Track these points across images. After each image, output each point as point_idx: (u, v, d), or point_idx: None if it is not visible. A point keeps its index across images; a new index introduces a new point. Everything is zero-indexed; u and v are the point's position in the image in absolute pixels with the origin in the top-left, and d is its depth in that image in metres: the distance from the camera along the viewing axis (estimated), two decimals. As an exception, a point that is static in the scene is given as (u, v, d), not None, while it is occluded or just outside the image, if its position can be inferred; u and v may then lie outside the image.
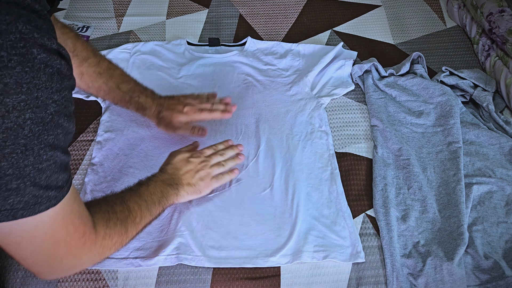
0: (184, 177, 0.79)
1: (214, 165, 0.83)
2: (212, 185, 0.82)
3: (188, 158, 0.82)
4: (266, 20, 1.26)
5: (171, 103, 0.89)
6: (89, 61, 0.84)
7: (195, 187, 0.80)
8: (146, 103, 0.88)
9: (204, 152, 0.85)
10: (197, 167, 0.81)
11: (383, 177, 0.90)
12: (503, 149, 0.95)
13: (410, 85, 1.04)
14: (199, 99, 0.91)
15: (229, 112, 0.91)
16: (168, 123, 0.89)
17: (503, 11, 1.06)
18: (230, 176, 0.85)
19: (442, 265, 0.77)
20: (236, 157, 0.87)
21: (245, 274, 0.79)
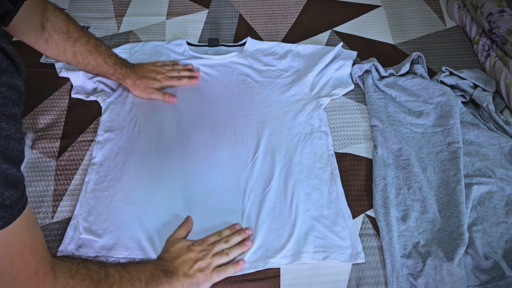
0: (181, 267, 0.72)
1: (216, 254, 0.76)
2: (212, 279, 0.74)
3: (189, 247, 0.75)
4: (266, 20, 1.26)
5: (145, 71, 1.02)
6: (80, 41, 0.89)
7: (192, 279, 0.72)
8: (126, 74, 0.98)
9: (207, 239, 0.78)
10: (197, 256, 0.74)
11: (383, 178, 0.90)
12: (503, 149, 0.95)
13: (410, 85, 1.04)
14: (165, 66, 1.05)
15: (195, 78, 1.05)
16: (143, 89, 1.01)
17: (503, 11, 1.06)
18: (235, 268, 0.76)
19: (442, 266, 0.77)
20: (243, 244, 0.79)
21: (244, 276, 0.79)
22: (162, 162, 0.92)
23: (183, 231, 0.80)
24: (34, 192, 0.89)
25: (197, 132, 0.97)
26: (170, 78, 1.03)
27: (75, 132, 0.99)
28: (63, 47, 0.88)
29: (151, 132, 0.97)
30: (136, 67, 1.02)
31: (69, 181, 0.91)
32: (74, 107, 1.03)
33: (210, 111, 1.01)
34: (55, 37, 0.85)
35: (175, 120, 0.99)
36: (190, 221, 0.83)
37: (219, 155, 0.94)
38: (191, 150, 0.94)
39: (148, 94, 1.01)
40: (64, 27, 0.86)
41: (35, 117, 1.01)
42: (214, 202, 0.87)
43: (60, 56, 0.89)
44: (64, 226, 0.85)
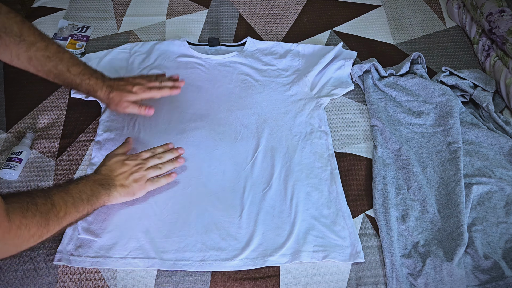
0: (118, 178, 0.80)
1: (150, 167, 0.83)
2: (146, 187, 0.82)
3: (124, 161, 0.82)
4: (266, 20, 1.26)
5: (120, 84, 0.91)
6: (37, 45, 0.83)
7: (128, 188, 0.80)
8: (96, 85, 0.89)
9: (141, 155, 0.85)
10: (132, 169, 0.82)
11: (382, 177, 0.90)
12: (503, 149, 0.94)
13: (410, 85, 1.04)
14: (147, 78, 0.94)
15: (178, 88, 0.95)
16: (118, 102, 0.90)
17: (503, 11, 1.06)
18: (167, 179, 0.85)
19: (442, 265, 0.77)
20: (175, 160, 0.87)
21: (244, 274, 0.79)
22: None
23: (122, 148, 0.86)
24: (34, 192, 0.89)
25: (197, 131, 0.97)
26: (149, 89, 0.92)
27: (74, 132, 0.99)
28: (16, 51, 0.82)
29: (150, 132, 0.97)
30: (111, 80, 0.92)
31: (68, 181, 0.91)
32: (74, 107, 1.03)
33: (210, 110, 1.01)
34: (6, 40, 0.80)
35: (174, 120, 0.99)
36: (130, 142, 0.89)
37: (219, 154, 0.94)
38: (191, 149, 0.94)
39: (123, 108, 0.90)
40: (17, 29, 0.80)
41: (34, 117, 1.01)
42: (213, 199, 0.87)
43: (14, 61, 0.83)
44: (63, 225, 0.85)
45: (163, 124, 0.99)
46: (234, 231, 0.83)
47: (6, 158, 0.92)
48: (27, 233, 0.61)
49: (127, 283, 0.78)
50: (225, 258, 0.80)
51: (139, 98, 0.91)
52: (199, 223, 0.84)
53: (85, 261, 0.79)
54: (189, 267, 0.79)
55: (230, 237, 0.82)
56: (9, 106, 1.03)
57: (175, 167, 0.87)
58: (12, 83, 1.08)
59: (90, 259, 0.79)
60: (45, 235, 0.65)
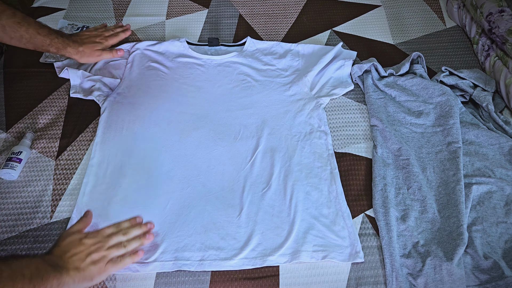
0: (71, 260, 0.68)
1: (112, 246, 0.73)
2: (108, 270, 0.71)
3: (81, 239, 0.72)
4: (266, 20, 1.26)
5: (84, 38, 1.04)
6: (6, 13, 0.90)
7: (84, 272, 0.68)
8: (64, 43, 0.98)
9: (102, 231, 0.75)
10: (89, 248, 0.71)
11: (382, 177, 0.90)
12: (503, 149, 0.94)
13: (409, 85, 1.04)
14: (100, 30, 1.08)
15: (128, 29, 1.10)
16: (90, 54, 1.02)
17: (503, 11, 1.05)
18: (132, 259, 0.74)
19: (442, 265, 0.77)
20: (143, 236, 0.77)
21: (244, 274, 0.79)
22: (161, 162, 0.92)
23: (80, 224, 0.76)
24: (33, 192, 0.89)
25: (196, 131, 0.97)
26: (109, 37, 1.06)
27: (74, 132, 0.99)
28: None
29: (150, 132, 0.97)
30: (73, 36, 1.02)
31: (68, 181, 0.91)
32: (74, 107, 1.03)
33: (210, 110, 1.01)
34: None
35: (174, 120, 0.99)
36: (89, 215, 0.79)
37: (219, 154, 0.94)
38: (191, 149, 0.94)
39: (97, 56, 1.03)
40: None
41: (34, 116, 1.01)
42: (212, 199, 0.87)
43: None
44: (62, 226, 0.85)
45: (162, 125, 0.98)
46: (233, 230, 0.83)
47: (6, 158, 0.92)
48: None
49: (127, 284, 0.78)
50: (224, 257, 0.80)
51: (104, 46, 1.05)
52: (198, 222, 0.84)
53: None
54: (189, 266, 0.79)
55: (229, 236, 0.82)
56: (9, 106, 1.03)
57: (142, 244, 0.76)
58: (12, 83, 1.08)
59: None
60: None
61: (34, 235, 0.84)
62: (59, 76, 1.07)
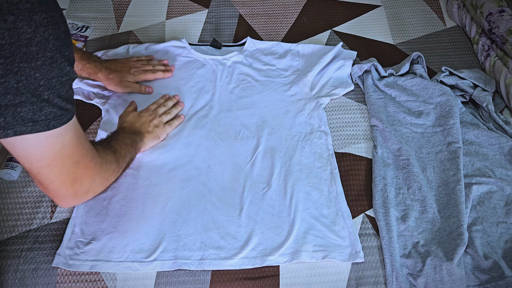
0: (142, 127, 0.91)
1: (161, 114, 0.96)
2: (166, 129, 0.95)
3: (139, 114, 0.94)
4: (266, 20, 1.26)
5: (118, 66, 1.03)
6: None
7: (153, 133, 0.92)
8: (96, 68, 0.99)
9: (149, 108, 0.97)
10: (148, 118, 0.93)
11: (382, 177, 0.90)
12: (503, 149, 0.94)
13: (409, 85, 1.04)
14: (140, 61, 1.07)
15: (170, 71, 1.08)
16: (118, 83, 1.02)
17: (503, 11, 1.05)
18: (179, 120, 0.98)
19: (442, 265, 0.77)
20: (177, 105, 1.00)
21: (244, 274, 0.79)
22: (162, 162, 0.92)
23: (130, 107, 0.95)
24: (33, 192, 0.89)
25: (197, 131, 0.97)
26: (144, 71, 1.05)
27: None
28: None
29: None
30: (107, 62, 1.03)
31: (68, 181, 0.91)
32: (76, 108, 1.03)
33: (210, 110, 1.01)
34: None
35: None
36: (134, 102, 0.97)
37: (219, 154, 0.94)
38: (191, 150, 0.94)
39: (124, 88, 1.03)
40: None
41: (34, 117, 1.01)
42: (212, 199, 0.87)
43: None
44: (62, 226, 0.85)
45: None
46: (234, 230, 0.83)
47: (6, 158, 0.92)
48: (111, 167, 0.73)
49: (127, 284, 0.78)
50: (224, 257, 0.80)
51: (136, 80, 1.04)
52: (199, 222, 0.84)
53: (83, 265, 0.79)
54: (189, 266, 0.79)
55: (229, 236, 0.83)
56: (9, 106, 1.03)
57: (179, 110, 1.00)
58: (12, 83, 1.08)
59: (88, 263, 0.79)
60: (118, 171, 0.77)
61: (34, 235, 0.84)
62: None
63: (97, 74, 0.99)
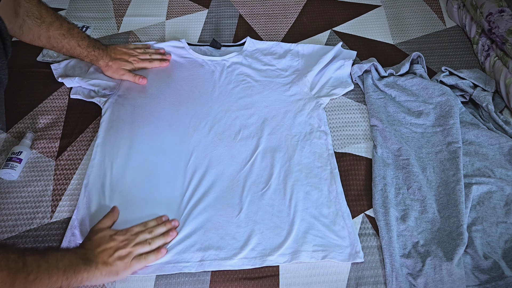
0: (101, 255, 0.73)
1: (138, 243, 0.77)
2: (132, 266, 0.75)
3: (111, 236, 0.76)
4: (265, 20, 1.26)
5: (117, 53, 1.05)
6: (54, 25, 0.92)
7: (110, 267, 0.73)
8: (99, 55, 1.01)
9: (131, 229, 0.79)
10: (118, 244, 0.75)
11: (382, 177, 0.90)
12: (503, 149, 0.94)
13: (409, 85, 1.04)
14: (137, 49, 1.08)
15: (166, 60, 1.08)
16: (115, 70, 1.03)
17: (503, 11, 1.05)
18: (156, 256, 0.78)
19: (442, 265, 0.77)
20: (167, 234, 0.80)
21: (244, 274, 0.79)
22: (162, 164, 0.92)
23: (108, 220, 0.80)
24: (33, 192, 0.89)
25: (196, 132, 0.97)
26: (142, 60, 1.06)
27: (74, 132, 0.99)
28: (38, 32, 0.90)
29: (150, 133, 0.97)
30: (108, 49, 1.04)
31: (68, 181, 0.91)
32: (74, 107, 1.03)
33: (210, 111, 1.01)
34: (28, 23, 0.88)
35: (175, 121, 0.99)
36: (116, 211, 0.83)
37: (219, 154, 0.94)
38: (191, 150, 0.94)
39: (120, 75, 1.04)
40: (37, 12, 0.88)
41: (34, 117, 1.01)
42: (212, 199, 0.87)
43: (35, 41, 0.92)
44: (63, 226, 0.85)
45: (163, 126, 0.98)
46: (233, 230, 0.83)
47: (6, 158, 0.92)
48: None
49: (126, 285, 0.78)
50: (224, 257, 0.80)
51: (133, 68, 1.05)
52: (198, 223, 0.84)
53: None
54: (189, 268, 0.79)
55: (229, 236, 0.82)
56: (9, 106, 1.03)
57: (166, 242, 0.80)
58: (12, 83, 1.08)
59: None
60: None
61: (34, 235, 0.84)
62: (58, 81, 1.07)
63: (98, 61, 1.02)
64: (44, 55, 1.11)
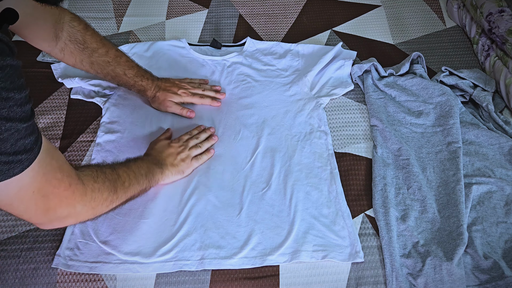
0: (168, 159, 0.87)
1: (192, 147, 0.91)
2: (193, 165, 0.90)
3: (169, 144, 0.90)
4: (266, 20, 1.26)
5: (167, 85, 1.00)
6: (98, 52, 0.90)
7: (178, 167, 0.88)
8: (147, 86, 0.98)
9: (181, 138, 0.93)
10: (177, 150, 0.89)
11: (382, 177, 0.90)
12: (503, 149, 0.94)
13: (409, 85, 1.04)
14: (192, 83, 1.03)
15: (218, 100, 1.02)
16: (161, 102, 0.99)
17: (503, 11, 1.06)
18: (207, 155, 0.92)
19: (442, 265, 0.77)
20: (211, 138, 0.95)
21: (244, 274, 0.79)
22: None
23: (164, 135, 0.94)
24: (34, 192, 0.89)
25: (196, 132, 0.98)
26: (192, 94, 1.01)
27: (75, 132, 0.99)
28: (80, 57, 0.89)
29: (151, 134, 0.97)
30: (159, 80, 1.00)
31: (68, 181, 0.91)
32: (74, 108, 1.03)
33: (210, 111, 1.01)
34: (71, 47, 0.87)
35: (175, 121, 0.99)
36: (170, 131, 0.96)
37: (219, 154, 0.94)
38: (191, 150, 0.94)
39: (166, 107, 0.99)
40: (81, 37, 0.87)
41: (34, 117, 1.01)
42: (212, 198, 0.87)
43: (77, 65, 0.91)
44: (63, 225, 0.85)
45: (164, 126, 0.99)
46: (233, 229, 0.83)
47: (6, 158, 0.92)
48: (100, 196, 0.67)
49: (127, 284, 0.78)
50: (224, 256, 0.80)
51: (181, 101, 1.00)
52: (198, 222, 0.84)
53: (83, 266, 0.79)
54: (189, 267, 0.79)
55: (229, 235, 0.83)
56: (9, 106, 1.03)
57: (211, 143, 0.95)
58: (12, 83, 1.08)
59: (88, 264, 0.79)
60: (115, 202, 0.71)
61: (34, 235, 0.84)
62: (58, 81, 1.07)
63: (146, 91, 0.98)
64: (44, 55, 1.11)
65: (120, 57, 0.94)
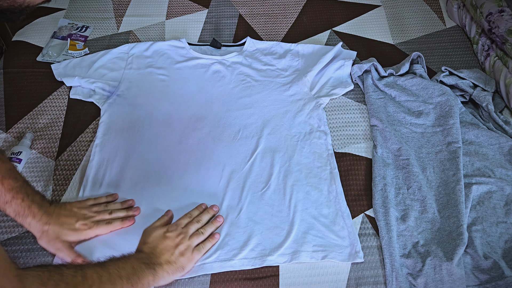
0: (163, 256, 0.72)
1: (192, 235, 0.77)
2: (194, 258, 0.76)
3: (165, 234, 0.75)
4: (265, 20, 1.26)
5: (62, 215, 0.77)
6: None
7: (175, 264, 0.73)
8: (29, 209, 0.73)
9: (179, 223, 0.78)
10: (175, 241, 0.75)
11: (382, 177, 0.90)
12: (503, 149, 0.94)
13: (409, 85, 1.04)
14: (95, 208, 0.81)
15: (131, 219, 0.82)
16: (50, 240, 0.75)
17: (503, 11, 1.05)
18: (212, 242, 0.79)
19: (442, 265, 0.77)
20: (215, 221, 0.82)
21: (244, 274, 0.79)
22: (161, 164, 0.92)
23: (159, 221, 0.79)
24: (33, 192, 0.89)
25: (196, 132, 0.97)
26: (96, 224, 0.79)
27: (74, 132, 0.99)
28: None
29: (150, 134, 0.97)
30: (51, 206, 0.77)
31: (68, 182, 0.91)
32: (74, 108, 1.03)
33: (210, 110, 1.01)
34: None
35: (174, 121, 0.99)
36: (170, 215, 0.82)
37: (218, 154, 0.94)
38: (190, 150, 0.94)
39: (55, 250, 0.76)
40: None
41: (34, 117, 1.01)
42: (211, 198, 0.87)
43: None
44: (63, 226, 0.84)
45: (163, 126, 0.98)
46: (233, 230, 0.83)
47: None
48: None
49: (127, 283, 0.78)
50: (224, 258, 0.80)
51: (81, 239, 0.78)
52: (198, 223, 0.84)
53: None
54: (190, 273, 0.78)
55: (229, 236, 0.82)
56: (9, 106, 1.03)
57: (216, 227, 0.82)
58: (12, 83, 1.08)
59: None
60: None
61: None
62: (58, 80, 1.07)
63: (27, 217, 0.73)
64: (44, 55, 1.11)
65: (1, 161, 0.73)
